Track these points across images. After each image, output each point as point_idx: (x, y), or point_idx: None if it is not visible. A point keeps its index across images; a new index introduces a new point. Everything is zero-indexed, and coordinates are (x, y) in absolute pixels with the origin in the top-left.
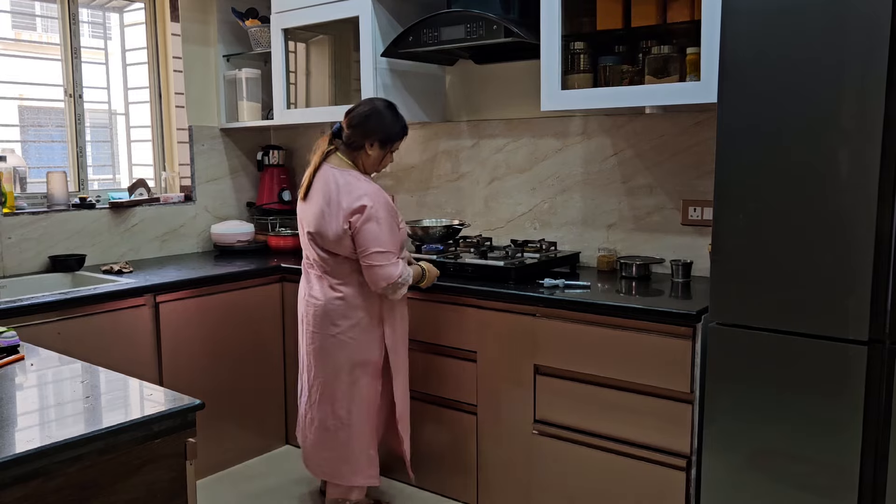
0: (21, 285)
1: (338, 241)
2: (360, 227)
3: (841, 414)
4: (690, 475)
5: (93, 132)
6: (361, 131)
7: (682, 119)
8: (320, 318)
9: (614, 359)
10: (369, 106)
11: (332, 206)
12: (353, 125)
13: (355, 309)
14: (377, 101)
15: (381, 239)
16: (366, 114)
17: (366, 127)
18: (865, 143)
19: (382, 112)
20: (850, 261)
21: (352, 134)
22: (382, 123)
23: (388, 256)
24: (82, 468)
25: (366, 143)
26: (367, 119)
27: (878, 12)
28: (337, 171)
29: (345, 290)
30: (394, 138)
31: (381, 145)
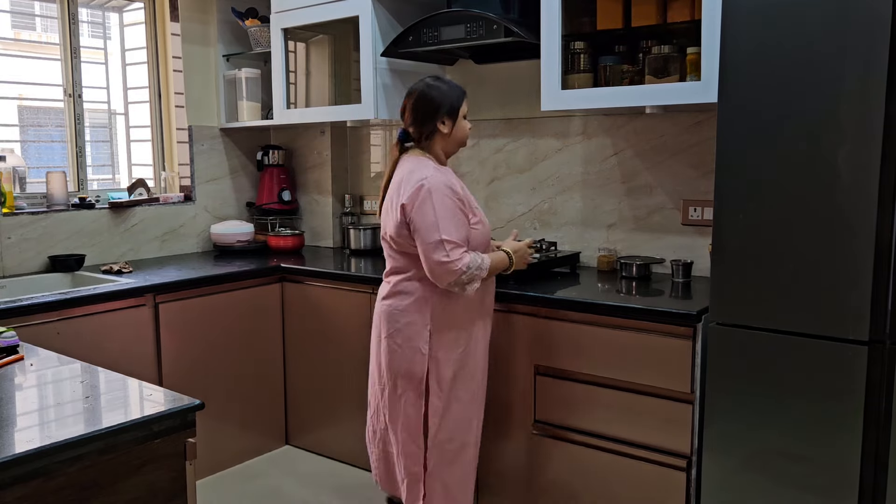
0: (21, 285)
1: (397, 233)
2: (413, 213)
3: (841, 414)
4: (690, 475)
5: (92, 132)
6: (425, 116)
7: (682, 119)
8: (377, 319)
9: (614, 359)
10: (415, 93)
11: (393, 196)
12: (415, 118)
13: (404, 313)
14: (418, 85)
15: (437, 225)
16: (414, 105)
17: (426, 110)
18: (866, 143)
19: (430, 88)
20: (850, 261)
21: (419, 126)
22: (436, 97)
23: (446, 245)
24: (82, 468)
25: (437, 124)
26: (422, 103)
27: (878, 13)
28: (408, 161)
29: (401, 287)
30: (457, 103)
31: (450, 116)
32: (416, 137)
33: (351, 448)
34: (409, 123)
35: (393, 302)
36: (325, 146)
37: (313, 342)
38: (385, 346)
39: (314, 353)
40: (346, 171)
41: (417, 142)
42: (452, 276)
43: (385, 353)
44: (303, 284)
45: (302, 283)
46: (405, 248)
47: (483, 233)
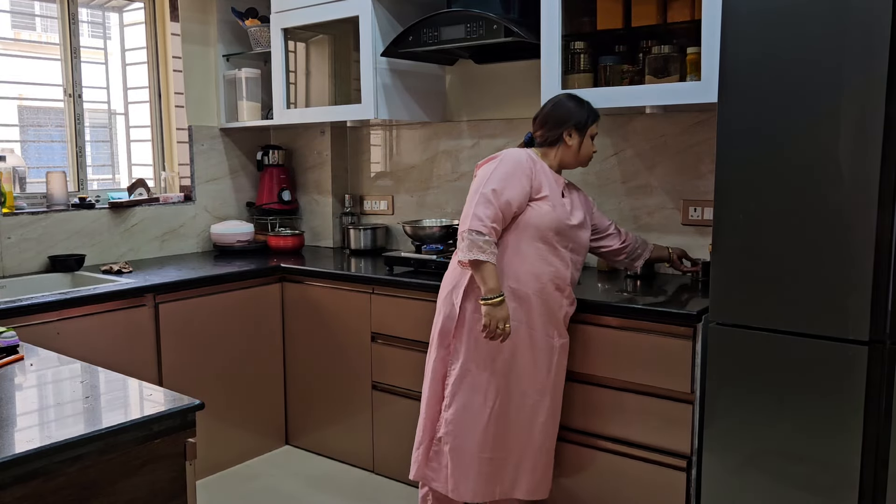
0: (21, 285)
1: None
2: (479, 171)
3: (841, 414)
4: (691, 475)
5: (92, 132)
6: (553, 123)
7: (682, 119)
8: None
9: (614, 359)
10: (551, 101)
11: None
12: (544, 123)
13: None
14: (558, 96)
15: (487, 179)
16: (550, 108)
17: (556, 118)
18: (866, 144)
19: (566, 101)
20: (850, 261)
21: (545, 131)
22: (570, 109)
23: (480, 198)
24: (82, 468)
25: (563, 133)
26: (555, 111)
27: (878, 13)
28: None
29: None
30: (587, 121)
31: (579, 131)
32: (540, 141)
33: (351, 448)
34: (538, 127)
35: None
36: (325, 146)
37: (313, 342)
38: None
39: (314, 354)
40: (346, 171)
41: (540, 146)
42: (464, 224)
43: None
44: (303, 284)
45: (302, 283)
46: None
47: (543, 214)
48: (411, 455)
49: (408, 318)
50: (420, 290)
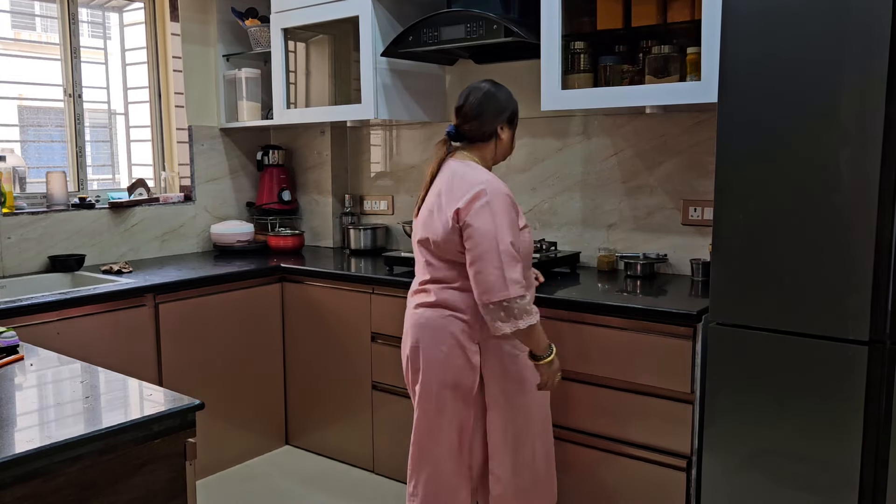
0: (21, 285)
1: (444, 238)
2: (469, 217)
3: (841, 414)
4: (691, 475)
5: (92, 132)
6: (488, 117)
7: (682, 119)
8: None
9: (614, 359)
10: (479, 92)
11: (442, 197)
12: (474, 116)
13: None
14: (482, 84)
15: (496, 234)
16: (481, 100)
17: (489, 111)
18: (866, 144)
19: (496, 91)
20: (850, 261)
21: (475, 125)
22: (501, 101)
23: (503, 257)
24: (82, 468)
25: (497, 128)
26: (487, 103)
27: (878, 13)
28: (456, 163)
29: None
30: (517, 111)
31: (510, 123)
32: (472, 136)
33: (351, 448)
34: (469, 119)
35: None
36: (325, 146)
37: (313, 342)
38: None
39: (314, 353)
40: (346, 171)
41: (472, 141)
42: (501, 293)
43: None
44: (303, 284)
45: (302, 283)
46: (450, 255)
47: (529, 240)
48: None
49: None
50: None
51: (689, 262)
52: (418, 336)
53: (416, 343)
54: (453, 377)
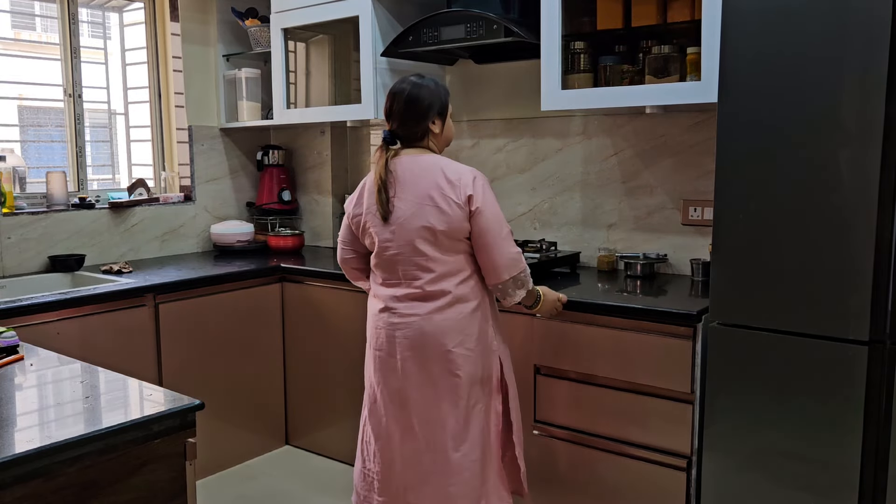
0: (21, 285)
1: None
2: (481, 203)
3: (841, 414)
4: (691, 475)
5: (92, 132)
6: (417, 117)
7: (682, 119)
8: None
9: (614, 359)
10: (402, 95)
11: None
12: (405, 119)
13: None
14: (403, 86)
15: (501, 217)
16: (411, 99)
17: (417, 111)
18: (866, 144)
19: (422, 85)
20: (850, 260)
21: (410, 127)
22: (431, 94)
23: (510, 236)
24: (82, 468)
25: (429, 124)
26: (414, 104)
27: (878, 13)
28: (420, 157)
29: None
30: (446, 101)
31: (441, 116)
32: (406, 137)
33: (351, 448)
34: (399, 124)
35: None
36: (325, 146)
37: (313, 342)
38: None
39: (314, 353)
40: (346, 171)
41: (408, 142)
42: (517, 269)
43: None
44: (303, 284)
45: (302, 283)
46: (453, 246)
47: None
48: None
49: None
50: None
51: (689, 262)
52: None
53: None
54: (487, 371)
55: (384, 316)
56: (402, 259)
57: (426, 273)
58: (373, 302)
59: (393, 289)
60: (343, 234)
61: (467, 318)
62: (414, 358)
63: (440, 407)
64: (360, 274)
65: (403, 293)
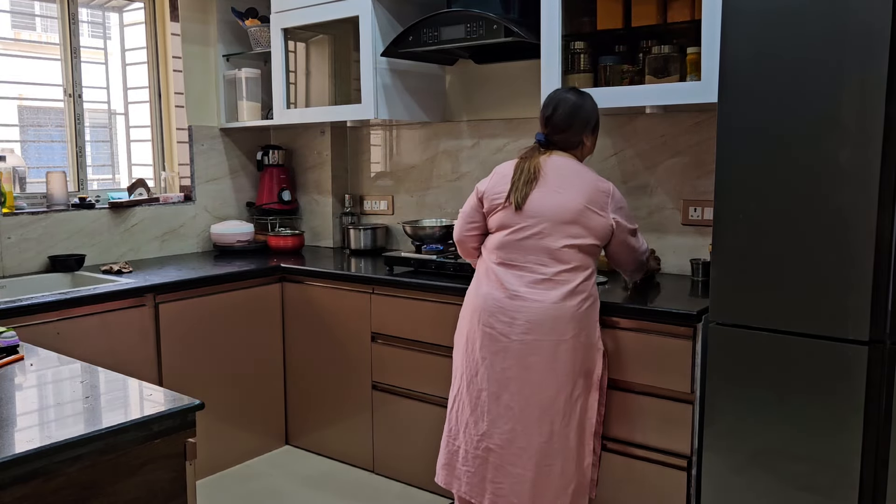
0: (20, 285)
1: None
2: (620, 212)
3: (841, 414)
4: (691, 475)
5: (92, 132)
6: (578, 127)
7: (682, 119)
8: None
9: (614, 359)
10: (567, 104)
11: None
12: (563, 129)
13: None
14: (568, 96)
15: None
16: (569, 113)
17: (576, 123)
18: (866, 144)
19: (582, 103)
20: (850, 261)
21: (564, 137)
22: (589, 111)
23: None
24: (82, 468)
25: (583, 137)
26: (575, 116)
27: (878, 14)
28: (572, 162)
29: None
30: (598, 120)
31: (594, 133)
32: (561, 145)
33: (351, 448)
34: (559, 131)
35: (578, 301)
36: (325, 146)
37: (313, 342)
38: (568, 348)
39: (314, 353)
40: (346, 171)
41: (561, 149)
42: (647, 258)
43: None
44: (303, 284)
45: (302, 283)
46: (594, 249)
47: None
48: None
49: (408, 318)
50: (420, 290)
51: (689, 262)
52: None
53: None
54: (591, 364)
55: (500, 296)
56: (531, 247)
57: (558, 264)
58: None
59: (516, 271)
60: (471, 213)
61: (585, 312)
62: (528, 341)
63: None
64: (475, 251)
65: (531, 278)
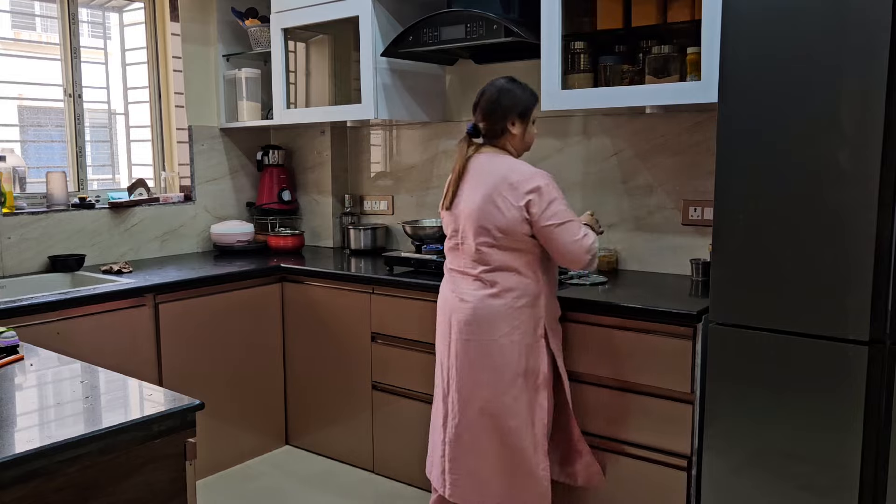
0: (21, 285)
1: (512, 227)
2: (542, 201)
3: (841, 414)
4: (691, 475)
5: (92, 132)
6: (499, 114)
7: (682, 119)
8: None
9: (614, 359)
10: (492, 88)
11: (502, 190)
12: (487, 113)
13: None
14: (497, 82)
15: (565, 210)
16: (495, 97)
17: (500, 108)
18: (866, 144)
19: (509, 87)
20: (850, 261)
21: (489, 123)
22: (514, 97)
23: (578, 225)
24: (82, 468)
25: (507, 124)
26: (499, 100)
27: (878, 13)
28: (495, 157)
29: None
30: (530, 106)
31: (521, 119)
32: (486, 134)
33: (351, 448)
34: (483, 118)
35: (508, 300)
36: (325, 146)
37: (313, 342)
38: (502, 347)
39: (314, 353)
40: (346, 171)
41: (488, 138)
42: (592, 251)
43: (503, 355)
44: (303, 284)
45: (302, 283)
46: (513, 242)
47: None
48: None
49: (408, 318)
50: (420, 290)
51: (690, 262)
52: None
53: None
54: (535, 363)
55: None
56: (459, 246)
57: (479, 264)
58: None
59: (456, 274)
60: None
61: (518, 310)
62: (465, 341)
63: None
64: None
65: (465, 280)
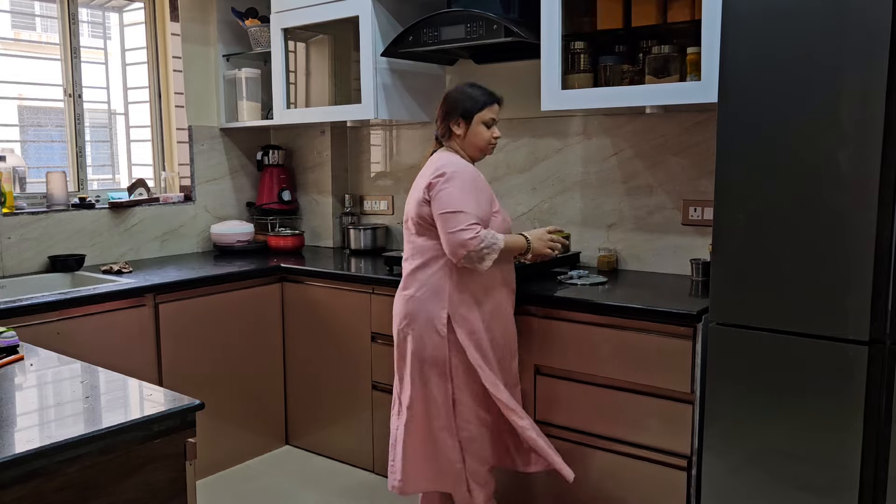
0: (20, 285)
1: (417, 212)
2: (434, 190)
3: (841, 414)
4: (691, 475)
5: (92, 132)
6: (443, 118)
7: (682, 119)
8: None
9: (614, 359)
10: (447, 93)
11: (419, 179)
12: (437, 116)
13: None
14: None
15: (457, 201)
16: (443, 101)
17: (445, 110)
18: (866, 144)
19: (455, 91)
20: (850, 261)
21: (439, 125)
22: (456, 99)
23: (465, 218)
24: (82, 468)
25: (451, 125)
26: (444, 103)
27: (878, 13)
28: (438, 154)
29: (417, 275)
30: (474, 107)
31: (465, 118)
32: (439, 135)
33: (351, 448)
34: (437, 123)
35: (410, 292)
36: (325, 146)
37: (313, 342)
38: (405, 338)
39: (314, 353)
40: (346, 171)
41: (440, 139)
42: (468, 247)
43: (407, 344)
44: (303, 284)
45: (302, 283)
46: (425, 229)
47: (502, 221)
48: None
49: None
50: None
51: (690, 262)
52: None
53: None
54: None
55: None
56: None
57: (405, 252)
58: None
59: None
60: None
61: (419, 300)
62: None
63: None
64: None
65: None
